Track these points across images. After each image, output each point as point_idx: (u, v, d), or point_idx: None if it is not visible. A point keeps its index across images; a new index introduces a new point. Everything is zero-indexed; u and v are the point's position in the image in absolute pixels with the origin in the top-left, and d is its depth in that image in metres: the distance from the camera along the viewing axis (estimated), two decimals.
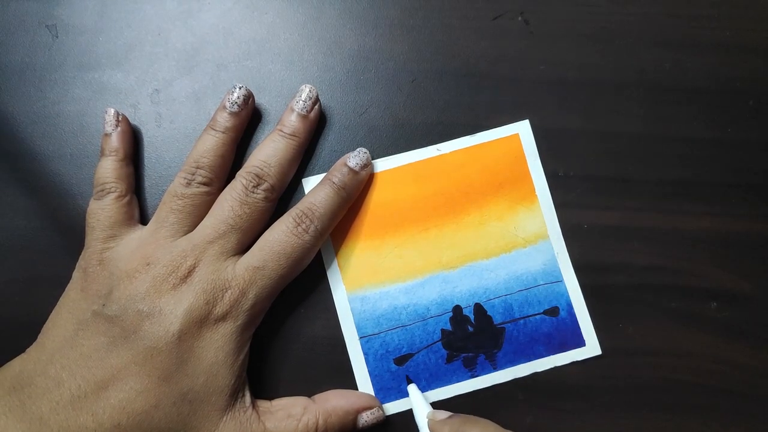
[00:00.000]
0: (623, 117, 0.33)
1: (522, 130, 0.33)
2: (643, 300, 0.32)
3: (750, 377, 0.31)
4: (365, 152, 0.32)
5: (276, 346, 0.32)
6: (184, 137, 0.33)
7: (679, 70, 0.33)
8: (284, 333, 0.32)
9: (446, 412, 0.29)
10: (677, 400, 0.31)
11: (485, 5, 0.34)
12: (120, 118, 0.32)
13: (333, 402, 0.30)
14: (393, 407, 0.31)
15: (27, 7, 0.34)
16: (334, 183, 0.31)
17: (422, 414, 0.30)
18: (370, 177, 0.33)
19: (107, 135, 0.31)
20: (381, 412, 0.31)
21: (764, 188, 0.33)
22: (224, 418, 0.28)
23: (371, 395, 0.31)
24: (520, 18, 0.34)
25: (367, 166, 0.32)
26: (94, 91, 0.34)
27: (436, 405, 0.31)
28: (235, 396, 0.28)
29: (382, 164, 0.33)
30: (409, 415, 0.31)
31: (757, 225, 0.32)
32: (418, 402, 0.30)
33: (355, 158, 0.31)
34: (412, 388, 0.31)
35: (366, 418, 0.30)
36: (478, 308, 0.32)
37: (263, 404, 0.30)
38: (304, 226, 0.30)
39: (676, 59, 0.33)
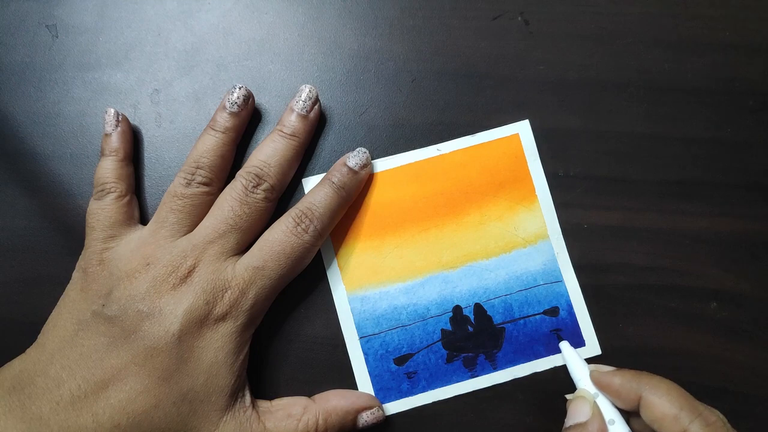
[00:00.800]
0: (623, 117, 0.33)
1: (522, 130, 0.33)
2: (643, 300, 0.32)
3: (750, 377, 0.31)
4: (364, 152, 0.32)
5: (276, 346, 0.32)
6: (184, 137, 0.33)
7: (679, 70, 0.33)
8: (284, 333, 0.32)
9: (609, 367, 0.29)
10: None
11: (485, 5, 0.34)
12: (120, 118, 0.32)
13: (333, 402, 0.30)
14: (393, 407, 0.31)
15: (27, 7, 0.34)
16: (333, 183, 0.31)
17: (581, 367, 0.30)
18: (370, 177, 0.33)
19: (107, 135, 0.31)
20: (381, 411, 0.31)
21: (764, 188, 0.33)
22: (224, 418, 0.28)
23: (371, 395, 0.31)
24: (520, 18, 0.34)
25: (367, 165, 0.32)
26: (94, 91, 0.34)
27: (436, 405, 0.32)
28: (235, 396, 0.28)
29: (382, 164, 0.33)
30: (408, 414, 0.31)
31: (757, 225, 0.32)
32: (573, 357, 0.30)
33: (354, 158, 0.31)
34: (565, 345, 0.31)
35: (366, 417, 0.30)
36: (478, 308, 0.32)
37: (263, 404, 0.30)
38: (303, 226, 0.30)
39: (676, 59, 0.33)
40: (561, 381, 0.32)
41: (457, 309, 0.32)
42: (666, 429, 0.26)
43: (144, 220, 0.32)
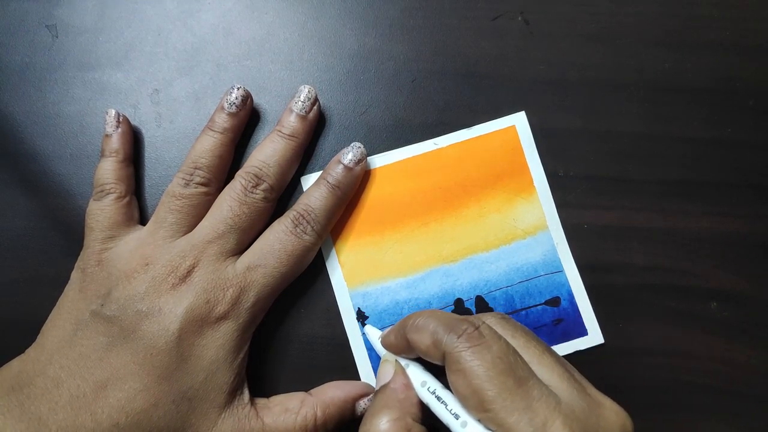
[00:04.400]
0: (623, 117, 0.33)
1: (518, 121, 0.33)
2: (643, 300, 0.32)
3: (750, 377, 0.31)
4: (359, 146, 0.32)
5: (276, 346, 0.32)
6: (184, 137, 0.33)
7: (679, 70, 0.33)
8: (284, 332, 0.32)
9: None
10: (677, 400, 0.31)
11: (485, 5, 0.34)
12: (121, 119, 0.32)
13: (330, 393, 0.30)
14: None
15: (27, 7, 0.34)
16: (328, 182, 0.31)
17: (377, 340, 0.30)
18: (368, 173, 0.33)
19: (108, 136, 0.31)
20: None
21: (764, 188, 0.33)
22: (222, 415, 0.28)
23: (367, 383, 0.31)
24: (520, 18, 0.34)
25: (362, 161, 0.32)
26: (94, 91, 0.34)
27: None
28: (234, 394, 0.28)
29: (379, 160, 0.33)
30: None
31: (757, 225, 0.32)
32: (372, 333, 0.31)
33: (348, 154, 0.31)
34: (368, 328, 0.31)
35: (364, 405, 0.30)
36: (480, 301, 0.32)
37: (261, 401, 0.30)
38: (301, 227, 0.30)
39: (676, 59, 0.33)
40: None
41: (458, 302, 0.32)
42: (435, 359, 0.25)
43: (144, 221, 0.32)
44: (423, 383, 0.26)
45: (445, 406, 0.25)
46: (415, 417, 0.25)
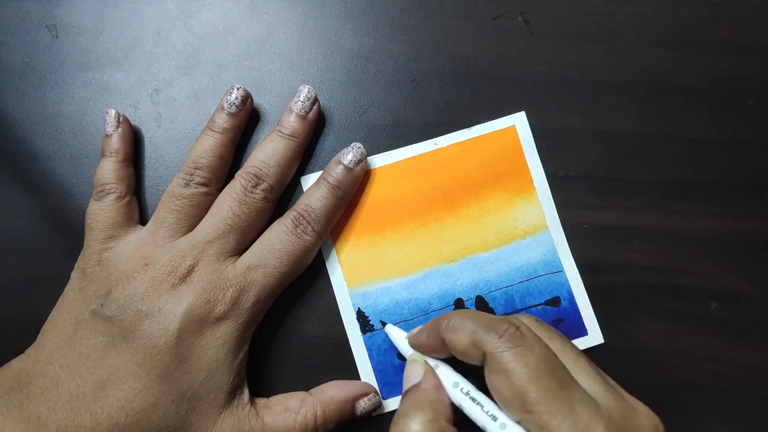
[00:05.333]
0: (623, 117, 0.33)
1: (518, 121, 0.33)
2: (643, 300, 0.32)
3: (750, 377, 0.31)
4: (359, 147, 0.32)
5: (276, 346, 0.32)
6: (184, 137, 0.33)
7: (679, 70, 0.33)
8: (284, 332, 0.32)
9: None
10: (677, 400, 0.31)
11: (485, 5, 0.34)
12: (121, 119, 0.32)
13: (329, 393, 0.30)
14: (397, 402, 0.31)
15: (27, 7, 0.34)
16: (329, 183, 0.31)
17: (404, 340, 0.29)
18: (367, 173, 0.33)
19: (108, 136, 0.31)
20: (377, 398, 0.31)
21: (764, 188, 0.32)
22: (222, 415, 0.28)
23: (366, 383, 0.31)
24: (520, 18, 0.34)
25: (362, 161, 0.32)
26: (94, 91, 0.34)
27: None
28: (233, 393, 0.28)
29: (379, 160, 0.33)
30: None
31: (757, 225, 0.32)
32: (396, 334, 0.30)
33: (348, 154, 0.31)
34: (389, 327, 0.31)
35: (363, 404, 0.30)
36: (480, 301, 0.32)
37: (260, 401, 0.30)
38: (302, 228, 0.30)
39: (676, 59, 0.33)
40: None
41: (458, 302, 0.32)
42: (473, 360, 0.25)
43: (144, 221, 0.32)
44: (455, 384, 0.26)
45: (481, 407, 0.25)
46: (447, 419, 0.25)
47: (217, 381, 0.28)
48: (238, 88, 0.31)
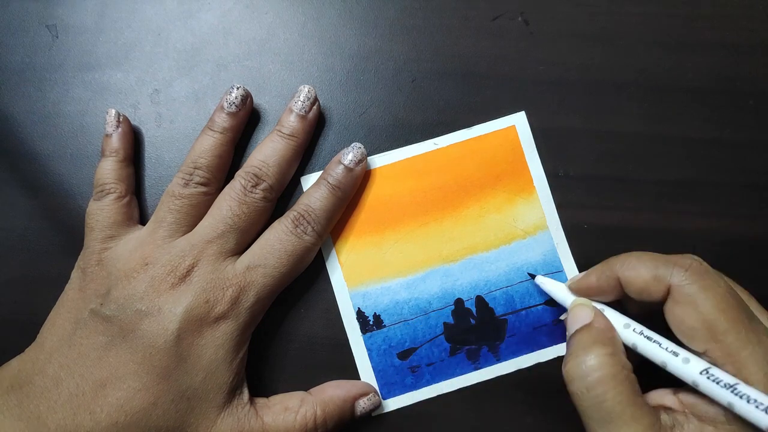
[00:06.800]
0: (623, 117, 0.33)
1: (518, 121, 0.33)
2: None
3: None
4: (359, 147, 0.31)
5: (276, 346, 0.32)
6: (184, 137, 0.33)
7: (679, 70, 0.33)
8: (284, 332, 0.32)
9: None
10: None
11: (485, 5, 0.34)
12: (121, 119, 0.32)
13: (329, 392, 0.30)
14: (397, 402, 0.32)
15: (27, 7, 0.34)
16: (329, 183, 0.31)
17: (563, 289, 0.29)
18: (367, 173, 0.33)
19: (108, 136, 0.31)
20: (377, 397, 0.31)
21: (764, 188, 0.32)
22: (222, 415, 0.28)
23: (366, 383, 0.31)
24: (520, 18, 0.34)
25: (362, 161, 0.32)
26: (94, 91, 0.34)
27: (441, 398, 0.32)
28: (233, 393, 0.28)
29: (379, 160, 0.33)
30: (412, 409, 0.31)
31: (757, 225, 0.32)
32: (552, 284, 0.30)
33: (349, 154, 0.31)
34: (540, 278, 0.31)
35: (363, 404, 0.30)
36: (480, 300, 0.32)
37: (260, 400, 0.30)
38: (302, 228, 0.30)
39: (676, 59, 0.33)
40: (561, 381, 0.32)
41: (458, 302, 0.32)
42: (654, 295, 0.25)
43: (144, 221, 0.32)
44: (626, 325, 0.26)
45: (659, 344, 0.25)
46: (625, 355, 0.25)
47: (217, 381, 0.28)
48: (237, 88, 0.31)
